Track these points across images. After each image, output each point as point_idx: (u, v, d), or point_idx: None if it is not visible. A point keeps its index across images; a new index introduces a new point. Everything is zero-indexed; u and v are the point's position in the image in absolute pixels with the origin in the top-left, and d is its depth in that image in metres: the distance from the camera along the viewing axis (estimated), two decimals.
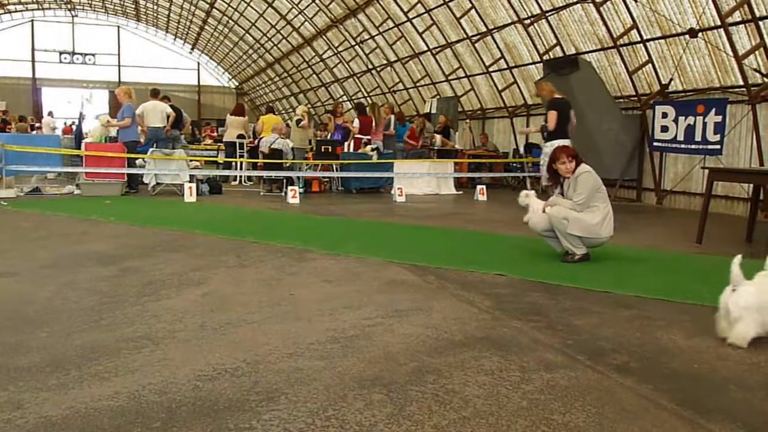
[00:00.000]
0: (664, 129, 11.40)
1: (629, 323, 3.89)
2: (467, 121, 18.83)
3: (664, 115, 11.39)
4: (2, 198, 10.14)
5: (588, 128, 11.72)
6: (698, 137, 10.76)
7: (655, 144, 11.74)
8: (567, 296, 4.55)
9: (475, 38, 16.58)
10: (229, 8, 29.71)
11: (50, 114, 26.48)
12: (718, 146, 10.42)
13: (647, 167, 12.40)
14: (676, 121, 11.16)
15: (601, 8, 12.09)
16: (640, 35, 11.73)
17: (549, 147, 8.77)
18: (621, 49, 12.30)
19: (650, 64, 11.88)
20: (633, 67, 12.30)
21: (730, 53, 10.10)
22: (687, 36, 10.74)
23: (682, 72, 11.51)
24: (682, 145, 11.14)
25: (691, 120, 10.86)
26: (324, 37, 25.14)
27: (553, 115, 9.15)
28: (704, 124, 10.64)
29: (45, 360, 3.05)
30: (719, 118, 10.39)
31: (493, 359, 3.18)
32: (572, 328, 3.75)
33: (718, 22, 10.06)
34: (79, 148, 12.52)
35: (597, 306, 4.28)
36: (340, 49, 24.71)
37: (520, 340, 3.50)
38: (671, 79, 11.62)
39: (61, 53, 37.84)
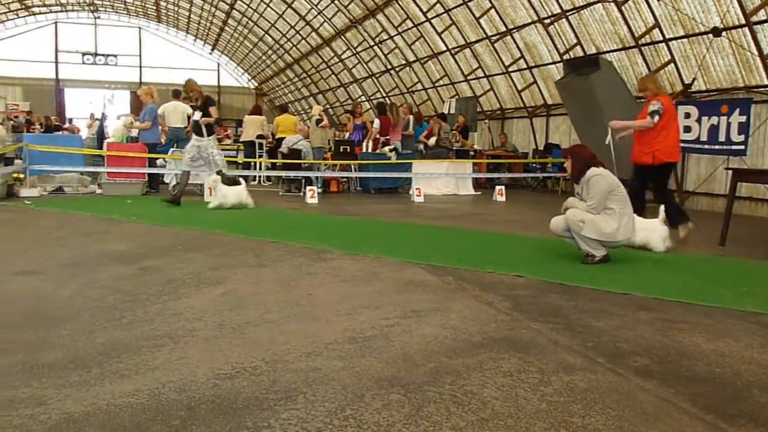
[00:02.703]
0: (687, 129, 11.26)
1: (650, 326, 3.85)
2: (486, 121, 18.75)
3: (687, 116, 11.25)
4: (26, 197, 10.30)
5: (608, 128, 11.59)
6: (722, 138, 10.62)
7: None
8: (586, 298, 4.51)
9: (494, 38, 16.52)
10: (249, 9, 29.90)
11: (92, 116, 26.85)
12: (743, 147, 10.27)
13: None
14: (699, 121, 11.02)
15: (623, 7, 11.98)
16: (663, 34, 11.60)
17: (206, 140, 9.77)
18: (643, 48, 12.17)
19: (673, 64, 11.74)
20: (655, 66, 12.16)
21: (755, 52, 9.95)
22: (711, 35, 10.60)
23: (706, 72, 11.37)
24: (706, 146, 11.00)
25: (714, 120, 10.73)
26: (343, 37, 25.20)
27: (215, 110, 9.96)
28: (728, 125, 10.50)
29: (67, 357, 3.09)
30: (743, 118, 10.24)
31: (511, 361, 3.16)
32: (592, 330, 3.72)
33: (743, 21, 9.92)
34: (101, 148, 12.68)
35: (617, 308, 4.24)
36: (359, 49, 24.75)
37: (539, 342, 3.48)
38: (694, 79, 11.48)
39: (83, 54, 38.29)
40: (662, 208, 6.73)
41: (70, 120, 27.13)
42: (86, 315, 3.82)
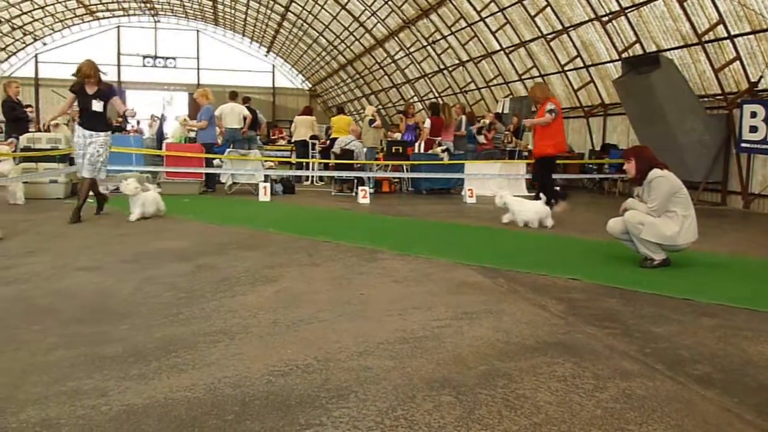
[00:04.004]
0: (753, 129, 10.81)
1: (712, 333, 3.71)
2: None
3: (753, 115, 10.80)
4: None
5: (669, 128, 11.27)
6: None
7: (742, 145, 11.15)
8: (644, 303, 4.39)
9: (550, 37, 16.23)
10: (304, 11, 30.25)
11: (152, 116, 27.70)
12: None
13: (733, 169, 11.80)
14: (766, 120, 10.57)
15: (685, 3, 11.59)
16: (727, 31, 11.17)
17: (104, 137, 7.95)
18: (706, 45, 11.75)
19: (738, 61, 11.30)
20: (719, 64, 11.73)
21: None
22: None
23: None
24: None
25: None
26: (396, 38, 25.23)
27: (120, 102, 8.30)
28: None
29: (127, 351, 3.19)
30: None
31: (565, 365, 3.10)
32: (650, 336, 3.61)
33: None
34: (161, 149, 13.05)
35: (677, 314, 4.10)
36: (411, 49, 24.73)
37: (594, 347, 3.40)
38: (761, 77, 11.01)
39: (144, 57, 39.54)
40: (542, 193, 8.23)
41: (138, 122, 28.05)
42: (145, 310, 3.94)
